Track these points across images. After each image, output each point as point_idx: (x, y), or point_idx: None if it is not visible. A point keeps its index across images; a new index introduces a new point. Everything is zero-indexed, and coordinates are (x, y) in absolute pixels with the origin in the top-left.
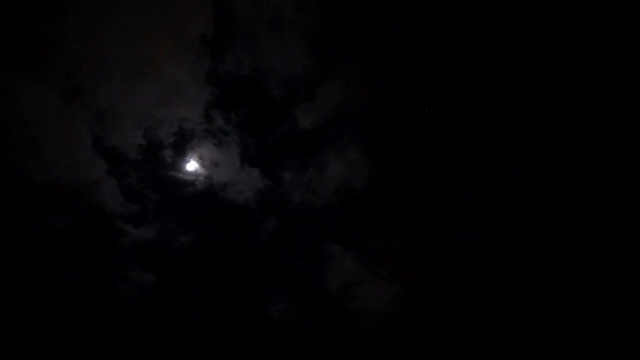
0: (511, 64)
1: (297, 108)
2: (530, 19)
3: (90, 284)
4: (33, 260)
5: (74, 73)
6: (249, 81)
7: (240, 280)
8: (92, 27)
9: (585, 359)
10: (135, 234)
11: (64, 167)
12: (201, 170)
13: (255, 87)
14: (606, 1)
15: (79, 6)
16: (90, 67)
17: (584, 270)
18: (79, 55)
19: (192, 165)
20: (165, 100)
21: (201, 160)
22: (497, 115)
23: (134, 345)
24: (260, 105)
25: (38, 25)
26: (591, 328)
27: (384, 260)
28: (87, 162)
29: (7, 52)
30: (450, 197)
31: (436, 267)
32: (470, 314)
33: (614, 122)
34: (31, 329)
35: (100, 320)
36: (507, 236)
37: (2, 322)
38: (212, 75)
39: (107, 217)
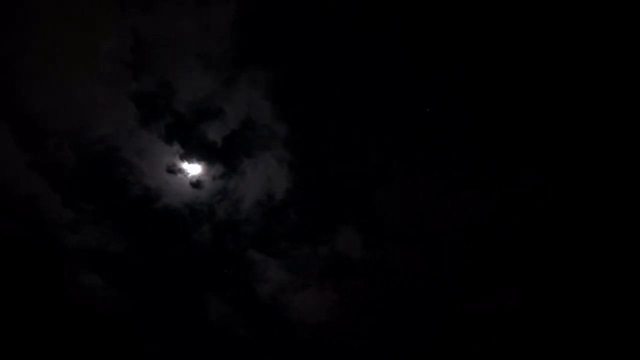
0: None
1: (206, 123)
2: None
3: (38, 289)
4: None
5: None
6: (164, 98)
7: (178, 284)
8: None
9: None
10: (75, 239)
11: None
12: (132, 179)
13: (170, 104)
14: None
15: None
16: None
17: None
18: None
19: (122, 174)
20: (90, 115)
21: (130, 170)
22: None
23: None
24: (177, 120)
25: None
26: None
27: (311, 267)
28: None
29: None
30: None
31: (362, 275)
32: (398, 320)
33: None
34: None
35: (53, 322)
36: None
37: None
38: (131, 91)
39: (47, 225)
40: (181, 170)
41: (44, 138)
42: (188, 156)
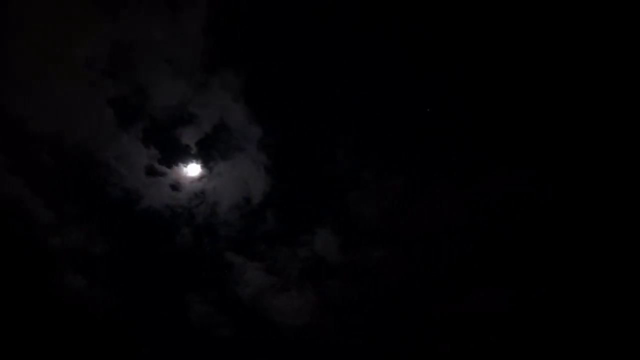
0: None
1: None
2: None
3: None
4: None
5: None
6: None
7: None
8: None
9: None
10: (58, 241)
11: None
12: (112, 182)
13: (146, 109)
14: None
15: None
16: None
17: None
18: None
19: (101, 177)
20: (69, 119)
21: (110, 173)
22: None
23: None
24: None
25: None
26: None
27: (291, 269)
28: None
29: None
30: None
31: (341, 277)
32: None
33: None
34: None
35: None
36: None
37: None
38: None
39: (30, 227)
40: (160, 173)
41: (25, 143)
42: (166, 159)
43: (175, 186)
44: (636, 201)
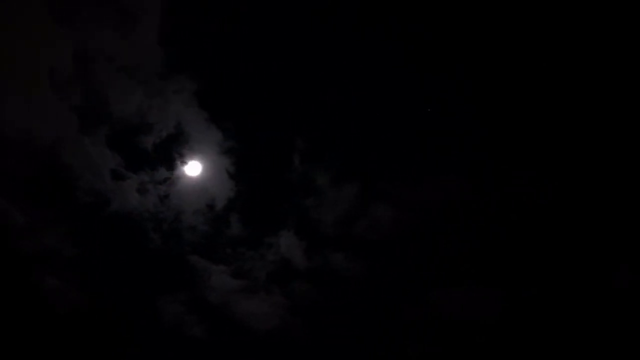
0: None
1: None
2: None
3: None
4: None
5: None
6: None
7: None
8: None
9: None
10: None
11: None
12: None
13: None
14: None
15: None
16: None
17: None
18: None
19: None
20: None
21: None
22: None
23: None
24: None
25: None
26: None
27: (258, 273)
28: None
29: None
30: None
31: (308, 279)
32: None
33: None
34: None
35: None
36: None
37: None
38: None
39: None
40: (125, 178)
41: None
42: (130, 164)
43: (141, 190)
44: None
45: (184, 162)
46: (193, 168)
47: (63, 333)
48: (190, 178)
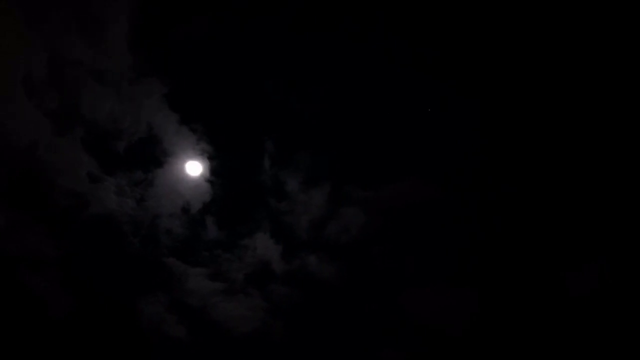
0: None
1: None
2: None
3: None
4: None
5: None
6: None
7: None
8: None
9: None
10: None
11: None
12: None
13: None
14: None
15: None
16: None
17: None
18: None
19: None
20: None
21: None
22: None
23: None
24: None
25: None
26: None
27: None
28: None
29: None
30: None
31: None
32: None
33: None
34: None
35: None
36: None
37: None
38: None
39: None
40: (101, 181)
41: None
42: (106, 167)
43: (117, 193)
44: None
45: (158, 165)
46: (167, 171)
47: (45, 334)
48: (165, 181)
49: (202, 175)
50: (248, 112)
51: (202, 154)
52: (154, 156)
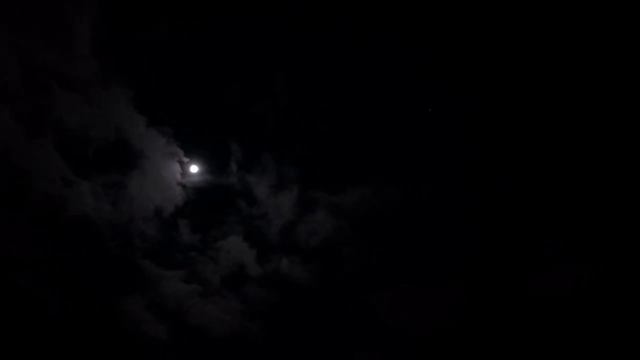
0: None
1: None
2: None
3: None
4: None
5: None
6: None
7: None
8: None
9: None
10: None
11: None
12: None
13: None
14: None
15: None
16: None
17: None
18: None
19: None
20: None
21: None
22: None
23: None
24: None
25: None
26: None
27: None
28: None
29: None
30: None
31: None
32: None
33: None
34: None
35: None
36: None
37: None
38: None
39: None
40: (76, 184)
41: None
42: (80, 171)
43: (93, 196)
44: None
45: (130, 169)
46: (140, 174)
47: (25, 334)
48: (138, 184)
49: (173, 178)
50: (214, 115)
51: (172, 158)
52: (125, 160)
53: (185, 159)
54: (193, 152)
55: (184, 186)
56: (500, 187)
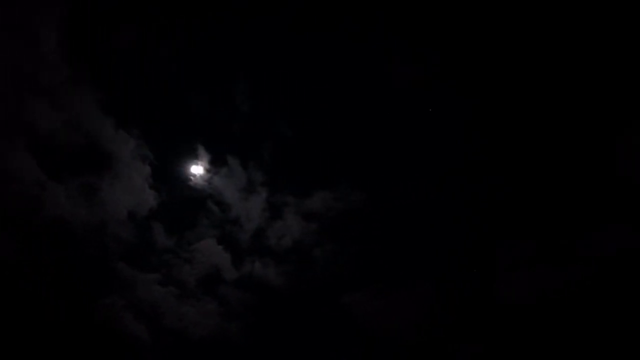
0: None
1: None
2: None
3: None
4: None
5: None
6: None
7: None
8: None
9: None
10: None
11: None
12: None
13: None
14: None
15: None
16: None
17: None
18: None
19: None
20: None
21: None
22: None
23: None
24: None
25: None
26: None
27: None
28: None
29: None
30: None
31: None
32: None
33: None
34: None
35: None
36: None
37: None
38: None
39: None
40: (49, 187)
41: None
42: (54, 173)
43: (66, 199)
44: None
45: (102, 171)
46: (112, 177)
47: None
48: (111, 187)
49: (146, 181)
50: (180, 119)
51: (143, 160)
52: (97, 162)
53: (156, 162)
54: (162, 155)
55: (156, 189)
56: (475, 187)
